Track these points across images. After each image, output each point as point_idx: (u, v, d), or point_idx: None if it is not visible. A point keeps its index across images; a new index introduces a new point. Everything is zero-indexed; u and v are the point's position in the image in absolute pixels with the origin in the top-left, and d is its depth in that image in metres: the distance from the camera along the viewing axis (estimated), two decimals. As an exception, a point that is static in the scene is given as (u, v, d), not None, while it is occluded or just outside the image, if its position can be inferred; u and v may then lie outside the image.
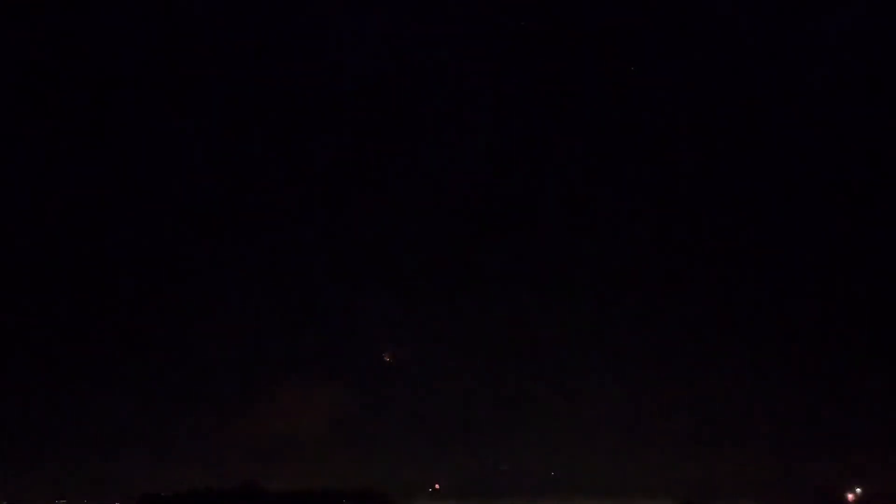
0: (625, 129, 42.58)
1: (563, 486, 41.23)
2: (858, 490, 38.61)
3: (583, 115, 42.81)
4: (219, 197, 43.80)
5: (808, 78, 42.32)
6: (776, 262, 42.88)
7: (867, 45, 40.60)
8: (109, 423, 41.37)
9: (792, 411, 40.63)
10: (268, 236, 43.84)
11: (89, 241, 43.14)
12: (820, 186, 42.16)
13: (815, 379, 40.80)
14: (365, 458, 41.73)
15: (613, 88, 42.15)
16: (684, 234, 43.41)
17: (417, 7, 42.21)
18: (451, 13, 42.25)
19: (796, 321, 42.53)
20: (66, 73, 42.43)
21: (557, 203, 43.82)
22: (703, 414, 40.97)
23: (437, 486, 41.76)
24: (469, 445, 41.96)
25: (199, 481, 40.00)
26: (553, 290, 43.97)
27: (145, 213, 43.56)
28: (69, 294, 42.84)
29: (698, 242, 43.25)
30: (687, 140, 42.57)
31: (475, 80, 43.64)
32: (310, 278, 44.13)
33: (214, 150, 43.65)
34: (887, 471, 38.23)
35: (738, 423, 40.89)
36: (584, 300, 43.41)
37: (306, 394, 41.96)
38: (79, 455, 40.95)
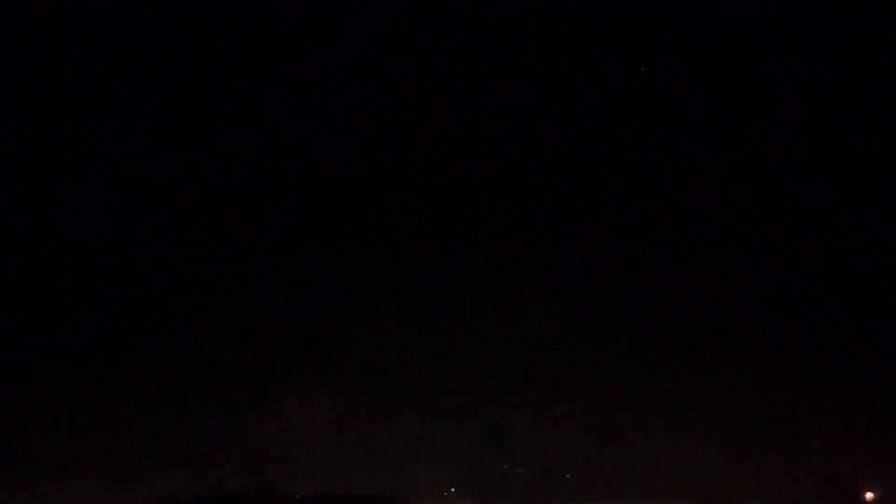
0: (634, 131, 42.84)
1: (579, 489, 41.21)
2: (870, 494, 38.53)
3: (591, 117, 43.09)
4: (226, 201, 44.22)
5: (825, 79, 42.46)
6: (789, 260, 42.88)
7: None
8: (124, 426, 41.64)
9: (810, 410, 40.53)
10: (282, 241, 44.25)
11: (99, 245, 43.60)
12: (834, 187, 42.24)
13: (835, 377, 40.75)
14: (380, 462, 41.83)
15: (623, 89, 42.44)
16: (699, 231, 43.45)
17: (423, 7, 42.69)
18: (453, 14, 42.69)
19: (815, 317, 42.54)
20: (64, 71, 43.09)
21: (560, 204, 44.06)
22: (721, 414, 40.92)
23: (452, 489, 41.82)
24: (485, 448, 42.03)
25: (215, 485, 40.30)
26: (565, 289, 44.07)
27: (154, 218, 44.02)
28: (81, 297, 43.20)
29: (713, 239, 43.29)
30: (698, 142, 42.71)
31: (479, 81, 44.07)
32: (324, 282, 44.45)
33: (217, 150, 44.05)
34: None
35: (756, 423, 40.80)
36: (596, 299, 43.51)
37: (321, 398, 42.12)
38: (94, 459, 41.24)
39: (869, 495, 38.48)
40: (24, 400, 41.00)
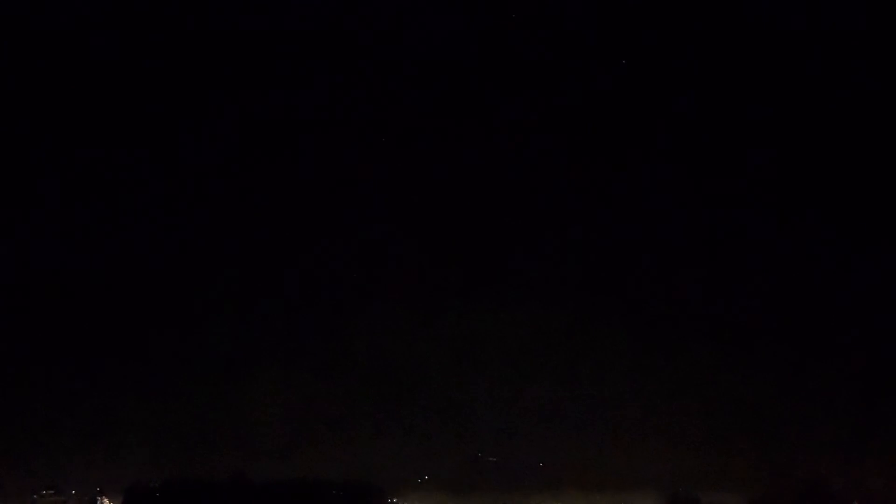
0: (618, 125, 42.81)
1: (551, 478, 41.45)
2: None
3: (574, 110, 42.99)
4: (216, 194, 43.98)
5: (807, 72, 42.42)
6: (760, 259, 43.19)
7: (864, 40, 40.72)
8: (97, 414, 41.35)
9: (779, 407, 40.93)
10: (261, 234, 44.06)
11: (84, 238, 43.27)
12: (810, 180, 42.45)
13: (803, 376, 41.16)
14: (355, 451, 41.82)
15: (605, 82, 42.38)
16: (677, 228, 43.64)
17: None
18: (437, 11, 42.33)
19: (789, 318, 42.83)
20: (69, 74, 42.66)
21: (551, 201, 44.12)
22: (693, 409, 41.29)
23: (426, 477, 41.94)
24: (458, 438, 42.15)
25: (186, 472, 40.09)
26: (543, 287, 44.15)
27: (141, 210, 43.77)
28: (59, 288, 42.80)
29: (690, 237, 43.46)
30: (681, 135, 42.76)
31: (470, 85, 43.92)
32: (302, 274, 44.19)
33: (214, 149, 43.84)
34: (871, 465, 38.66)
35: (726, 419, 41.22)
36: (571, 297, 43.62)
37: (296, 387, 42.04)
38: (66, 445, 40.92)
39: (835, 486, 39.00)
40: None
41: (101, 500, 40.44)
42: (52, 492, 40.42)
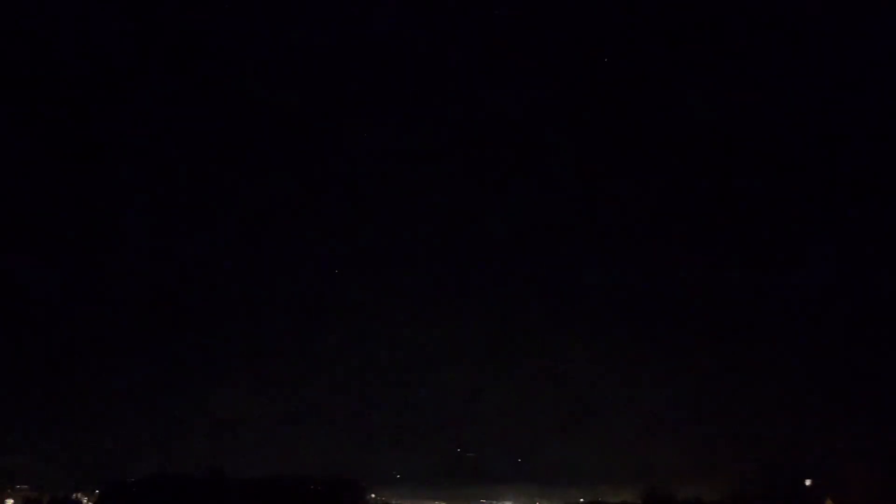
0: (604, 123, 42.82)
1: (529, 473, 41.85)
2: (809, 481, 39.69)
3: (561, 106, 42.95)
4: (205, 188, 43.63)
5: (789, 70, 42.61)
6: (745, 255, 43.51)
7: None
8: (73, 410, 41.09)
9: (756, 404, 41.51)
10: (244, 230, 43.80)
11: (72, 233, 42.80)
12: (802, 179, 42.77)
13: (781, 373, 41.73)
14: (333, 446, 41.94)
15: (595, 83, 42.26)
16: (665, 224, 43.89)
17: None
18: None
19: (769, 316, 43.29)
20: (66, 74, 42.00)
21: (536, 196, 44.14)
22: (668, 405, 41.76)
23: (405, 472, 42.17)
24: (437, 433, 42.35)
25: (163, 468, 39.95)
26: (522, 282, 44.30)
27: (131, 204, 43.41)
28: (41, 282, 42.40)
29: (676, 232, 43.70)
30: (669, 132, 42.85)
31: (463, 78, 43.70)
32: (278, 272, 44.00)
33: (209, 147, 43.43)
34: (844, 462, 39.34)
35: (703, 414, 41.77)
36: (553, 292, 43.79)
37: (273, 383, 42.00)
38: (42, 442, 40.65)
39: (808, 482, 39.68)
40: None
41: (77, 495, 40.16)
42: (26, 487, 40.13)
